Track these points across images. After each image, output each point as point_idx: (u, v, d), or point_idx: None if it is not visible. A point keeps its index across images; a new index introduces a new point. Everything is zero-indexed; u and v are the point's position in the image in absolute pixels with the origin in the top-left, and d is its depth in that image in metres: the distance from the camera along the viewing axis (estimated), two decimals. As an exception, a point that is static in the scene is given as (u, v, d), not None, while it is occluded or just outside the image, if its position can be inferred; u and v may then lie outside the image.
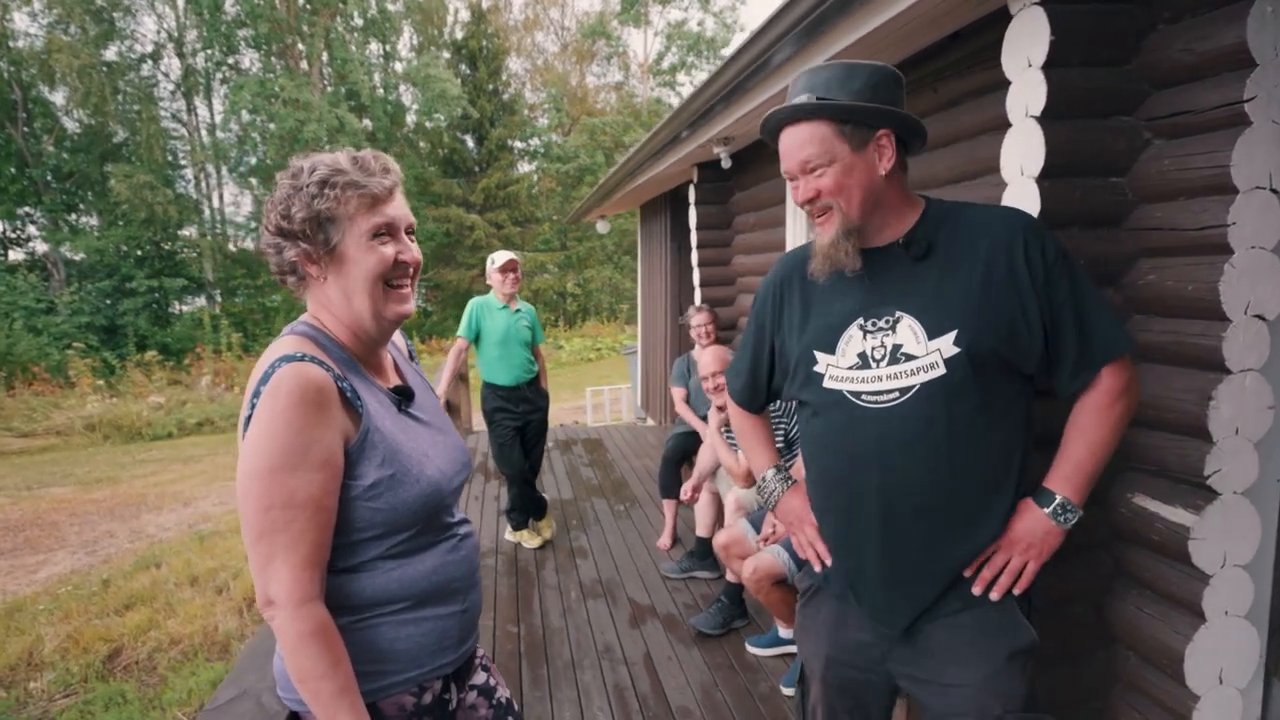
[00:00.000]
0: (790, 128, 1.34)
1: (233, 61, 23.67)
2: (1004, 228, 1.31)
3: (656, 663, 2.94)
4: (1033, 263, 1.28)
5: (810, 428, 1.46)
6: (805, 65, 2.65)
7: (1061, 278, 1.29)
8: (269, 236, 1.10)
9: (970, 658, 1.34)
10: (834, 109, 1.28)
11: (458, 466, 1.24)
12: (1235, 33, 1.54)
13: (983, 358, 1.27)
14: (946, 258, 1.32)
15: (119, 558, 6.23)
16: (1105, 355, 1.30)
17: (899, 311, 1.32)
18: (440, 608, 1.17)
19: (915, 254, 1.33)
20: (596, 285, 27.11)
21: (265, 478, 1.00)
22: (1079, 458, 1.32)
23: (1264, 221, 1.57)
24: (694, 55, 30.83)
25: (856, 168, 1.30)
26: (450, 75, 24.24)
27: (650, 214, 7.84)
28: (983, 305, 1.28)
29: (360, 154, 1.15)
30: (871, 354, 1.33)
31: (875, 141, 1.31)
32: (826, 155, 1.30)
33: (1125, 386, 1.31)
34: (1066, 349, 1.30)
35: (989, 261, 1.29)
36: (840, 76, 1.31)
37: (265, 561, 1.01)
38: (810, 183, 1.32)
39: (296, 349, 1.06)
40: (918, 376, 1.29)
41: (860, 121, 1.29)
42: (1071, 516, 1.32)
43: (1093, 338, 1.30)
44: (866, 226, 1.34)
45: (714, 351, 3.39)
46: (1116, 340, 1.31)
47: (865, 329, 1.35)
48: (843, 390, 1.36)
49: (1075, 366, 1.31)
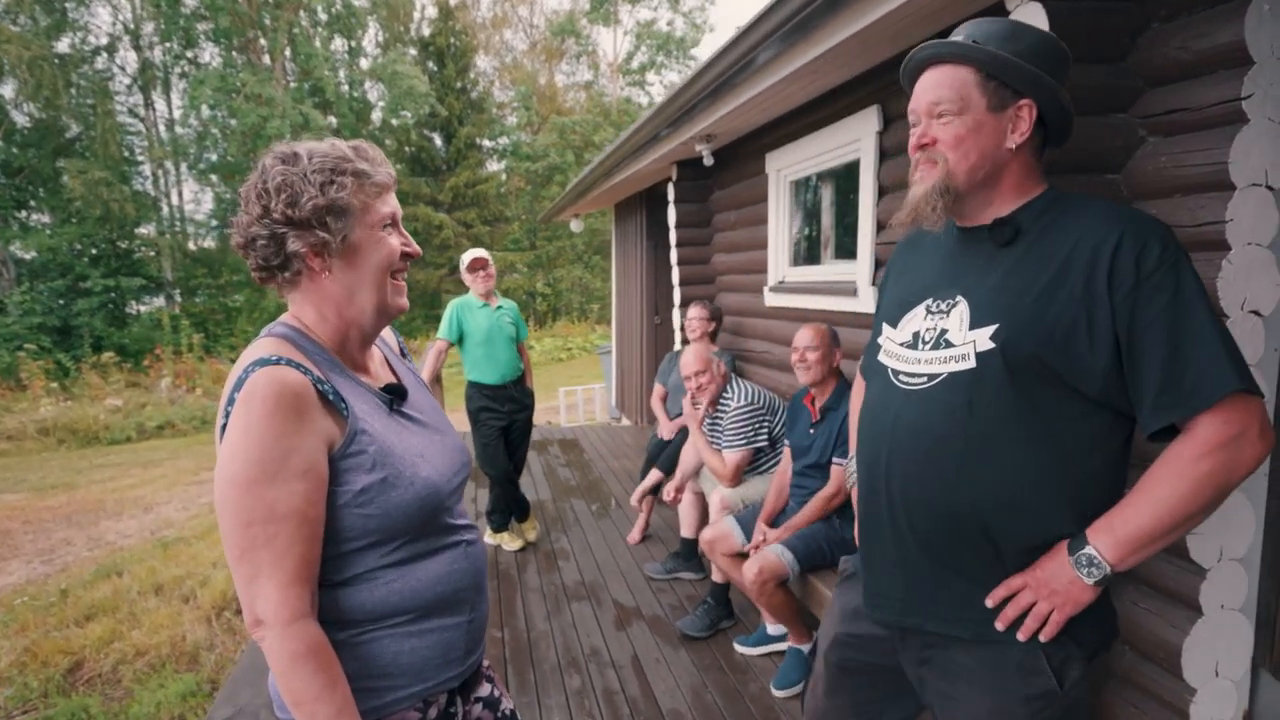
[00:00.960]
0: (933, 68, 1.24)
1: (192, 55, 23.04)
2: (1104, 224, 1.14)
3: (645, 665, 2.90)
4: (1120, 267, 1.10)
5: (864, 401, 1.43)
6: (796, 61, 2.64)
7: (1156, 294, 1.09)
8: (265, 226, 1.02)
9: (982, 684, 1.25)
10: (985, 55, 1.17)
11: (456, 466, 1.19)
12: (1233, 31, 1.55)
13: (1021, 361, 1.14)
14: (1030, 248, 1.20)
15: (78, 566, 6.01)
16: (1195, 401, 1.07)
17: (959, 296, 1.24)
18: (446, 618, 1.11)
19: (999, 239, 1.22)
20: (566, 285, 26.98)
21: (243, 490, 0.94)
22: (1133, 511, 1.12)
23: (1261, 218, 1.58)
24: (663, 55, 30.83)
25: (985, 128, 1.19)
26: (417, 72, 23.91)
27: (625, 213, 7.81)
28: (1038, 304, 1.14)
29: (355, 143, 1.11)
30: (923, 335, 1.26)
31: (1015, 109, 1.20)
32: (959, 103, 1.19)
33: (1226, 440, 1.06)
34: (1146, 381, 1.10)
35: (1069, 259, 1.14)
36: (1005, 31, 1.21)
37: (250, 579, 0.95)
38: (932, 128, 1.22)
39: (271, 352, 1.00)
40: (948, 365, 1.20)
41: (1006, 81, 1.18)
42: (1098, 573, 1.12)
43: (1183, 375, 1.07)
44: (971, 196, 1.24)
45: (695, 350, 3.36)
46: (1218, 382, 1.06)
47: (930, 309, 1.28)
48: (889, 366, 1.32)
49: (1154, 404, 1.10)
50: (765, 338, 4.34)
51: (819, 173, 3.71)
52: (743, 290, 4.71)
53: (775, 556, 2.56)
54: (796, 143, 3.71)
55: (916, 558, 1.27)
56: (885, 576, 1.34)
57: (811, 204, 3.96)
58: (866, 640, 1.43)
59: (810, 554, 2.59)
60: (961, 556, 1.23)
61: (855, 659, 1.46)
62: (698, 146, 4.15)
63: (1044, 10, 1.72)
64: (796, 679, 2.64)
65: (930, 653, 1.31)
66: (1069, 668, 1.21)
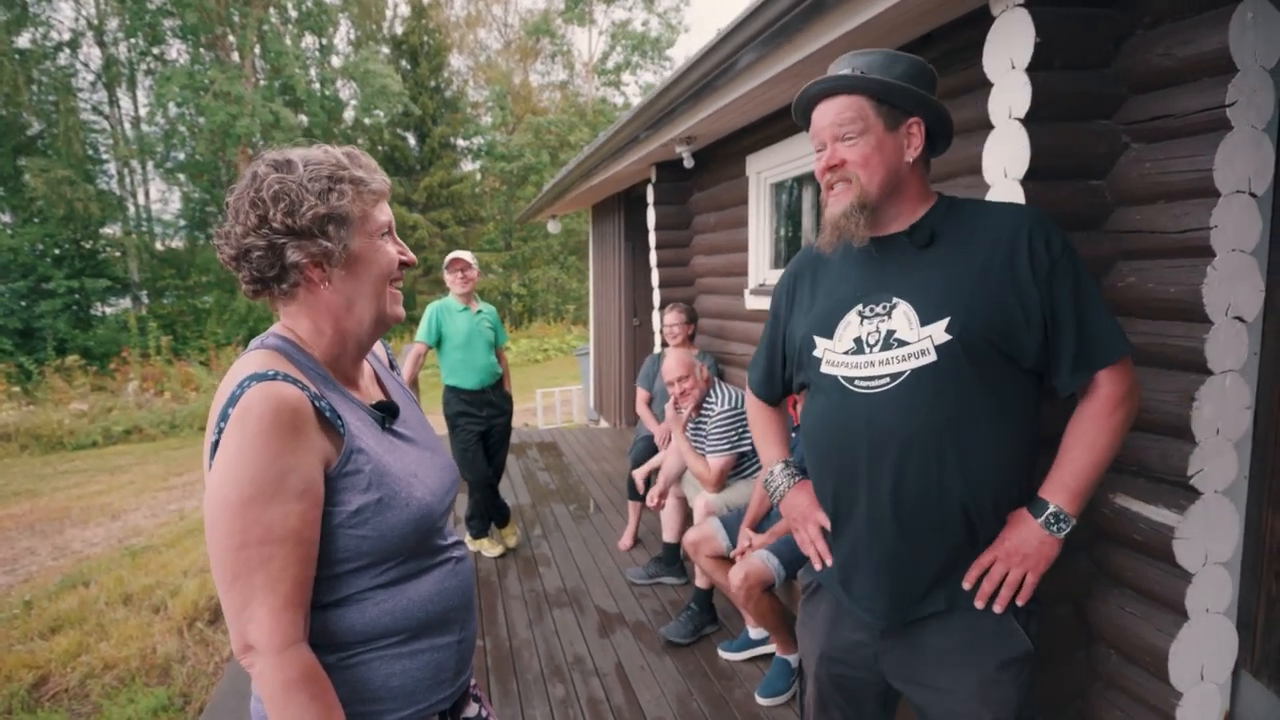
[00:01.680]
0: (827, 100, 1.36)
1: (158, 52, 22.56)
2: (1011, 219, 1.31)
3: (629, 673, 2.88)
4: (1036, 255, 1.27)
5: (808, 413, 1.47)
6: (779, 65, 2.63)
7: (1065, 274, 1.27)
8: (262, 236, 0.98)
9: (962, 664, 1.34)
10: (875, 84, 1.31)
11: (448, 485, 1.16)
12: (1217, 39, 1.56)
13: (976, 347, 1.26)
14: (950, 247, 1.33)
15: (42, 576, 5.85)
16: (1105, 358, 1.28)
17: (895, 298, 1.33)
18: (436, 638, 1.08)
19: (918, 241, 1.35)
20: (542, 285, 26.87)
21: (237, 511, 0.90)
22: (1077, 465, 1.30)
23: (1244, 224, 1.59)
24: (639, 56, 30.81)
25: (886, 145, 1.32)
26: (390, 71, 23.64)
27: (603, 214, 7.77)
28: (978, 293, 1.27)
29: (348, 149, 1.07)
30: (866, 339, 1.34)
31: (906, 127, 1.34)
32: (860, 124, 1.32)
33: (1126, 393, 1.30)
34: (1065, 347, 1.29)
35: (991, 251, 1.29)
36: (883, 61, 1.35)
37: (242, 605, 0.91)
38: (839, 150, 1.34)
39: (266, 366, 0.96)
40: (909, 363, 1.28)
41: (896, 104, 1.32)
42: (1065, 526, 1.29)
43: (1093, 339, 1.28)
44: (882, 208, 1.36)
45: (677, 355, 3.34)
46: (1116, 343, 1.29)
47: (863, 314, 1.36)
48: (837, 375, 1.37)
49: (1074, 364, 1.29)
50: (746, 340, 4.34)
51: (800, 175, 3.71)
52: (723, 293, 4.70)
53: (760, 562, 2.55)
54: (778, 145, 3.70)
55: (899, 550, 1.33)
56: (870, 580, 1.38)
57: (792, 207, 3.96)
58: (851, 651, 1.46)
59: (796, 558, 2.58)
60: (944, 542, 1.32)
61: (845, 673, 1.49)
62: (678, 148, 4.13)
63: (1029, 16, 1.72)
64: (782, 688, 2.63)
65: (909, 653, 1.38)
66: (1033, 621, 1.37)
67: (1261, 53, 1.54)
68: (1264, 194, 1.60)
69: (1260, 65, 1.55)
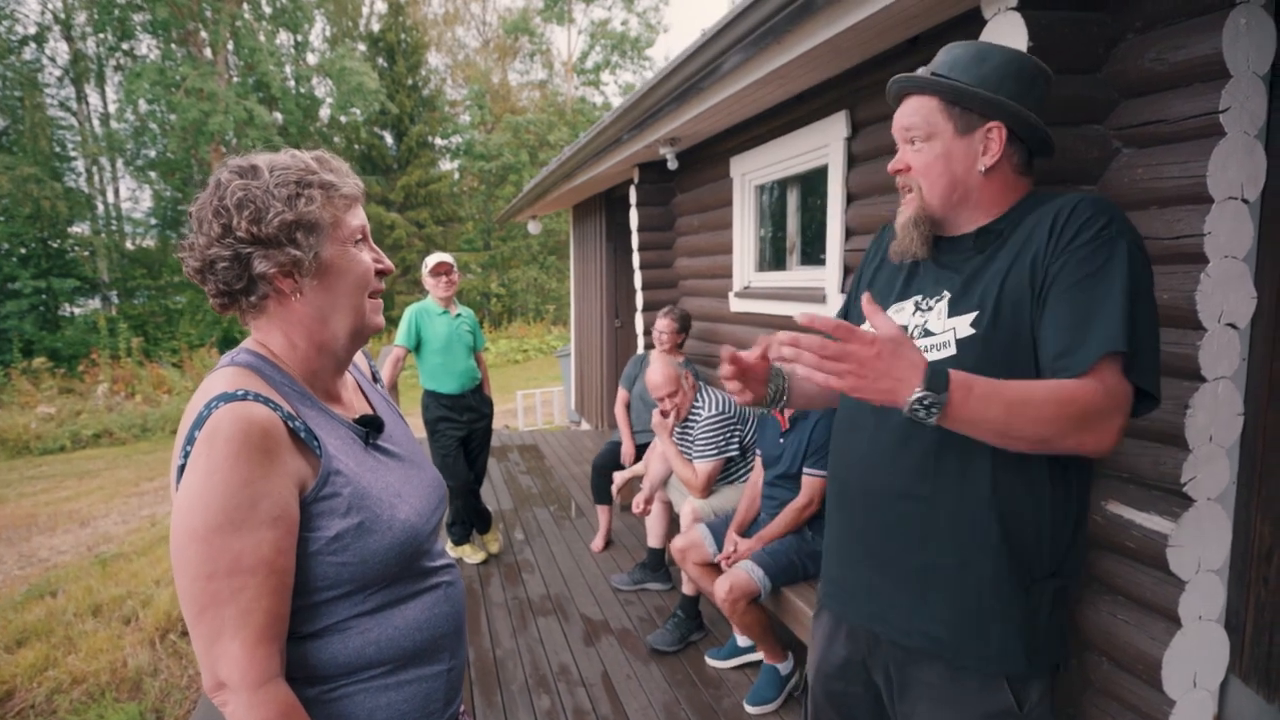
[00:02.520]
0: (906, 98, 1.29)
1: (128, 47, 22.11)
2: (1056, 203, 1.18)
3: (615, 682, 2.84)
4: (1065, 229, 1.13)
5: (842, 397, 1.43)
6: (766, 66, 2.60)
7: (1092, 256, 1.10)
8: (227, 246, 0.92)
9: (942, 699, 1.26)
10: (943, 87, 1.22)
11: (434, 503, 1.11)
12: (1210, 44, 1.55)
13: (1000, 344, 1.15)
14: (1005, 242, 1.23)
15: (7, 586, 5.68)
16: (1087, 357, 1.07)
17: (945, 291, 1.26)
18: (425, 668, 1.03)
19: (980, 247, 1.25)
20: (522, 286, 26.72)
21: (205, 541, 0.84)
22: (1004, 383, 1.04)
23: (1237, 231, 1.58)
24: (618, 55, 30.74)
25: (955, 152, 1.23)
26: (367, 68, 23.36)
27: (584, 215, 7.72)
28: (1006, 287, 1.17)
29: (317, 153, 1.02)
30: (910, 331, 1.28)
31: (983, 131, 1.23)
32: (926, 128, 1.24)
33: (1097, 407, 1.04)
34: (1052, 340, 1.11)
35: (1030, 236, 1.18)
36: (969, 57, 1.25)
37: (212, 639, 0.86)
38: (905, 154, 1.27)
39: (236, 385, 0.91)
40: (929, 355, 1.21)
41: (968, 106, 1.22)
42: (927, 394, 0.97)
43: (1086, 337, 1.08)
44: (948, 218, 1.28)
45: (662, 370, 3.29)
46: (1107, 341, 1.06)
47: (919, 306, 1.30)
48: None
49: (1054, 363, 1.11)
50: (731, 343, 4.30)
51: (785, 177, 3.69)
52: (707, 295, 4.67)
53: (746, 575, 2.52)
54: (762, 147, 3.68)
55: (881, 555, 1.29)
56: (851, 572, 1.36)
57: (778, 209, 3.94)
58: (844, 666, 1.43)
59: (781, 569, 2.56)
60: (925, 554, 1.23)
61: (839, 689, 1.46)
62: (661, 150, 4.10)
63: (1022, 20, 1.71)
64: (771, 696, 2.60)
65: (896, 671, 1.32)
66: (1029, 688, 1.23)
67: (1254, 59, 1.54)
68: (1255, 201, 1.59)
69: (1253, 71, 1.54)
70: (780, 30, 2.33)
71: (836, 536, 1.40)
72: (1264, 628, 1.77)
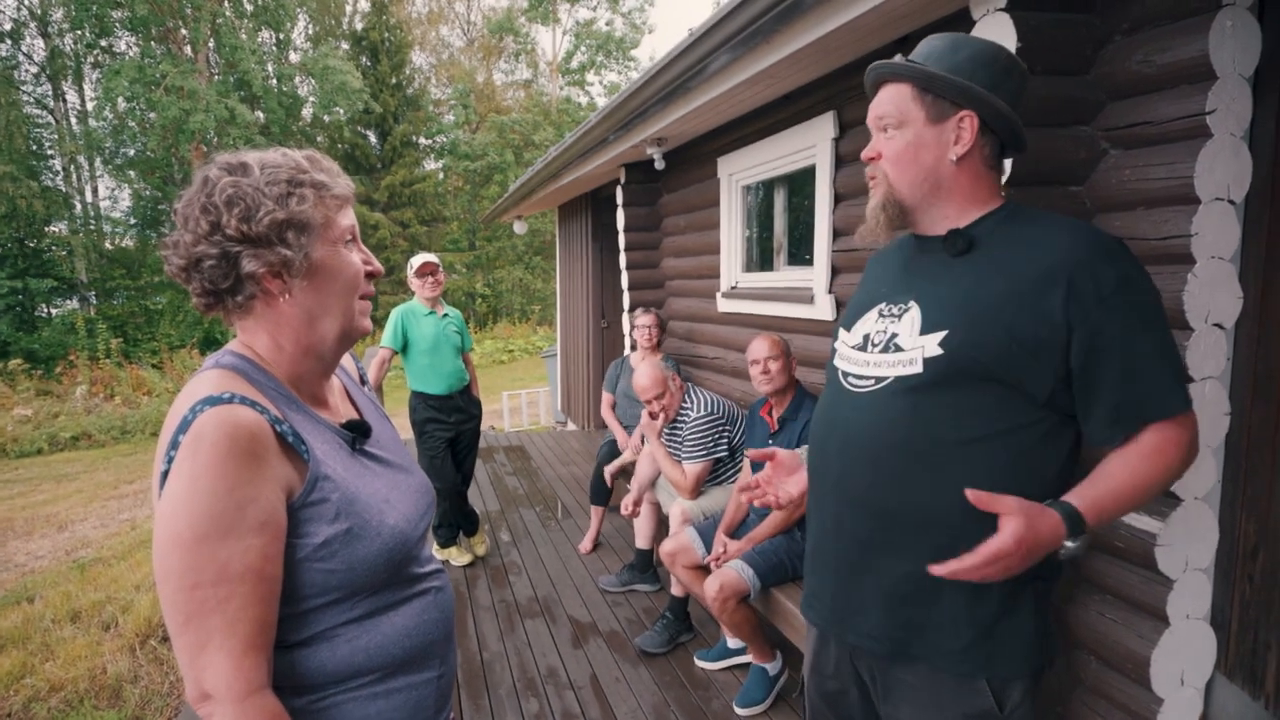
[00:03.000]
0: (883, 86, 1.28)
1: (106, 44, 21.80)
2: (1065, 243, 1.15)
3: (604, 685, 2.82)
4: (1079, 292, 1.11)
5: (817, 404, 1.44)
6: (753, 67, 2.60)
7: (1115, 313, 1.11)
8: (215, 244, 0.90)
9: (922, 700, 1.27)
10: (915, 72, 1.22)
11: (423, 508, 1.09)
12: (1196, 46, 1.56)
13: (967, 367, 1.14)
14: (985, 259, 1.20)
15: (-17, 593, 5.57)
16: (1155, 411, 1.12)
17: (912, 301, 1.25)
18: (414, 675, 1.01)
19: (951, 249, 1.24)
20: (507, 286, 26.62)
21: (190, 549, 0.82)
22: (1111, 481, 1.12)
23: (1223, 231, 1.60)
24: (603, 55, 30.70)
25: (926, 140, 1.22)
26: (350, 67, 23.16)
27: (570, 215, 7.70)
28: (989, 314, 1.14)
29: (308, 152, 1.00)
30: (873, 337, 1.28)
31: (955, 120, 1.21)
32: (899, 116, 1.23)
33: (1180, 449, 1.12)
34: (1100, 396, 1.13)
35: (1025, 272, 1.15)
36: (945, 47, 1.24)
37: (197, 650, 0.83)
38: (877, 141, 1.27)
39: (221, 388, 0.88)
40: (895, 369, 1.21)
41: (940, 94, 1.21)
42: (1075, 540, 1.08)
43: (1139, 392, 1.11)
44: (920, 208, 1.27)
45: (649, 372, 3.28)
46: (1171, 397, 1.11)
47: (882, 313, 1.30)
48: (840, 368, 1.33)
49: (1113, 414, 1.13)
50: (717, 343, 4.31)
51: (773, 178, 3.69)
52: (694, 295, 4.66)
53: (735, 574, 2.51)
54: (750, 147, 3.68)
55: (851, 561, 1.29)
56: (821, 578, 1.37)
57: (765, 209, 3.94)
58: (836, 667, 1.42)
59: (771, 569, 2.55)
60: (896, 565, 1.22)
61: (834, 689, 1.45)
62: (648, 150, 4.09)
63: (1010, 21, 1.71)
64: (760, 697, 2.60)
65: (879, 673, 1.32)
66: (1010, 689, 1.22)
67: (1240, 61, 1.55)
68: (1241, 202, 1.61)
69: (1239, 73, 1.55)
70: (769, 30, 2.32)
71: (814, 546, 1.40)
72: (1249, 625, 1.78)
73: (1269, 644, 1.74)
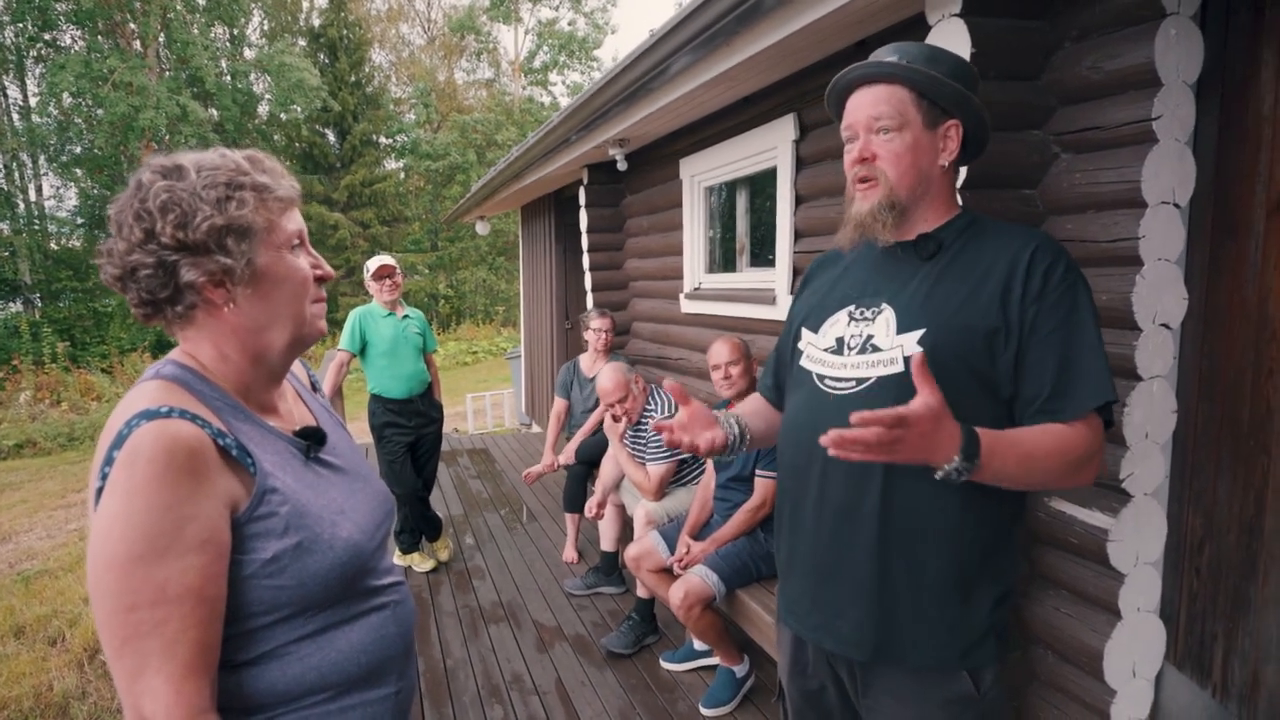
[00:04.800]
0: (867, 86, 1.27)
1: (50, 38, 21.08)
2: (1019, 241, 1.23)
3: (569, 689, 2.80)
4: (1032, 278, 1.18)
5: (786, 406, 1.43)
6: (714, 68, 2.60)
7: (1060, 304, 1.18)
8: (149, 253, 0.86)
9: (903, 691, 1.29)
10: (922, 77, 1.22)
11: (380, 517, 1.06)
12: (1142, 53, 1.60)
13: (947, 365, 1.17)
14: (952, 262, 1.25)
15: (-80, 609, 5.33)
16: (1075, 409, 1.16)
17: (885, 303, 1.27)
18: (370, 692, 0.98)
19: (923, 253, 1.28)
20: (470, 287, 26.37)
21: (125, 570, 0.78)
22: (1019, 436, 1.13)
23: (1169, 234, 1.64)
24: (566, 55, 30.58)
25: (921, 144, 1.24)
26: (308, 64, 22.71)
27: (533, 215, 7.65)
28: (963, 311, 1.20)
29: (249, 152, 0.96)
30: (848, 341, 1.28)
31: (944, 128, 1.25)
32: (899, 119, 1.23)
33: (1085, 443, 1.16)
34: (1038, 384, 1.18)
35: (989, 270, 1.21)
36: (930, 54, 1.26)
37: (134, 675, 0.79)
38: (872, 143, 1.25)
39: (159, 400, 0.85)
40: (876, 370, 1.23)
41: (938, 101, 1.24)
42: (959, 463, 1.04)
43: (1074, 385, 1.16)
44: (909, 211, 1.28)
45: (611, 375, 3.27)
46: (1095, 393, 1.16)
47: (853, 316, 1.30)
48: (813, 372, 1.32)
49: (1044, 405, 1.18)
50: (681, 344, 4.31)
51: (735, 179, 3.70)
52: (658, 296, 4.66)
53: (700, 579, 2.51)
54: (712, 149, 3.69)
55: (832, 564, 1.29)
56: (799, 583, 1.37)
57: (727, 210, 3.95)
58: (814, 665, 1.42)
59: (735, 572, 2.56)
60: (879, 565, 1.24)
61: (814, 687, 1.45)
62: (611, 150, 4.07)
63: (965, 26, 1.73)
64: (726, 698, 2.60)
65: (858, 669, 1.33)
66: (983, 673, 1.28)
67: (1184, 68, 1.59)
68: (1186, 205, 1.65)
69: (1182, 80, 1.59)
70: (730, 32, 2.33)
71: (791, 550, 1.40)
72: (1196, 616, 1.83)
73: (1216, 634, 1.79)
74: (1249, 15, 1.60)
